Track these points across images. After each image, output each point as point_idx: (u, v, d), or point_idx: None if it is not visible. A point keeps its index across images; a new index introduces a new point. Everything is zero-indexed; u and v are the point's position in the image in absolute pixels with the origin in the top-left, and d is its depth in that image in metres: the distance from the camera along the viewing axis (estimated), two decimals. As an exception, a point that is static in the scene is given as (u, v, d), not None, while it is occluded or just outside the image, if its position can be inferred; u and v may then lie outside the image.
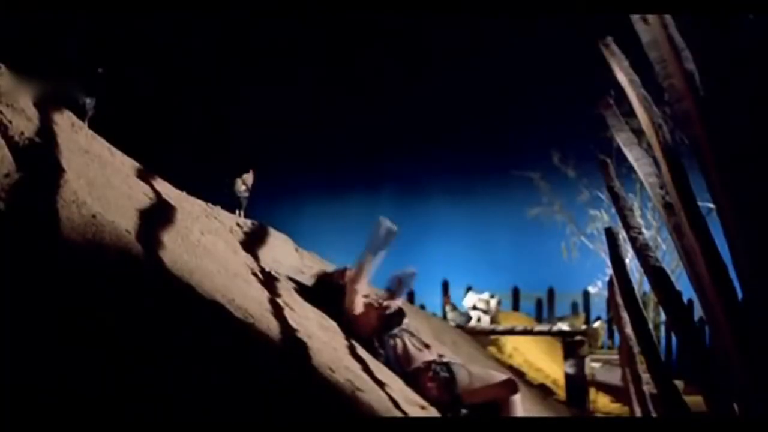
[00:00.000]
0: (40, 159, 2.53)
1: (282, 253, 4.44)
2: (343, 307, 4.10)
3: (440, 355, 4.13)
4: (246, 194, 4.82)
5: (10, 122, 2.58)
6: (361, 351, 3.76)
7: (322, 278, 4.44)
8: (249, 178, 4.91)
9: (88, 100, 4.07)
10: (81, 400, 1.73)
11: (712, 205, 1.68)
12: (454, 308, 9.69)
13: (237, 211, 4.69)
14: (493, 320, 9.79)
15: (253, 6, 10.10)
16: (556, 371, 9.85)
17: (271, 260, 4.11)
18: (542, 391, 8.38)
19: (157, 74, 10.41)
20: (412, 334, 4.11)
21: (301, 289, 4.14)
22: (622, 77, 1.97)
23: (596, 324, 9.68)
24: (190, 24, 10.31)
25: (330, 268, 4.93)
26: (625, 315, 3.63)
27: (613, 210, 2.30)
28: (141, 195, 3.18)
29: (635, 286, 2.41)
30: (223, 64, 12.40)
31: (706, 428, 1.78)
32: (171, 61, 10.95)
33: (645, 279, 2.92)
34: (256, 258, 4.05)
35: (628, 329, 3.52)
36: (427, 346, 4.12)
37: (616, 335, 8.68)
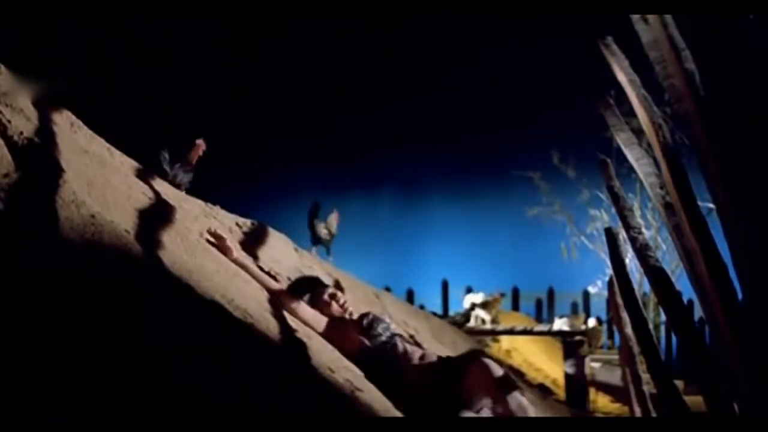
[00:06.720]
0: (40, 159, 2.52)
1: (282, 253, 4.43)
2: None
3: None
4: (328, 237, 5.45)
5: (10, 122, 2.58)
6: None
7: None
8: (333, 222, 5.53)
9: (181, 175, 4.53)
10: (78, 399, 1.72)
11: (712, 205, 1.68)
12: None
13: (324, 250, 5.41)
14: (493, 320, 9.81)
15: (253, 5, 10.10)
16: (555, 371, 9.85)
17: (271, 260, 4.10)
18: (541, 391, 8.37)
19: (154, 74, 10.42)
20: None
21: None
22: (622, 77, 1.97)
23: (591, 322, 9.66)
24: (189, 24, 10.31)
25: (329, 268, 4.93)
26: (625, 315, 3.63)
27: (613, 210, 2.30)
28: (140, 195, 3.17)
29: (635, 286, 2.41)
30: (223, 64, 12.40)
31: (706, 428, 1.78)
32: (169, 61, 10.95)
33: (645, 279, 2.92)
34: (256, 258, 4.04)
35: (628, 329, 3.53)
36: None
37: (616, 335, 8.68)
